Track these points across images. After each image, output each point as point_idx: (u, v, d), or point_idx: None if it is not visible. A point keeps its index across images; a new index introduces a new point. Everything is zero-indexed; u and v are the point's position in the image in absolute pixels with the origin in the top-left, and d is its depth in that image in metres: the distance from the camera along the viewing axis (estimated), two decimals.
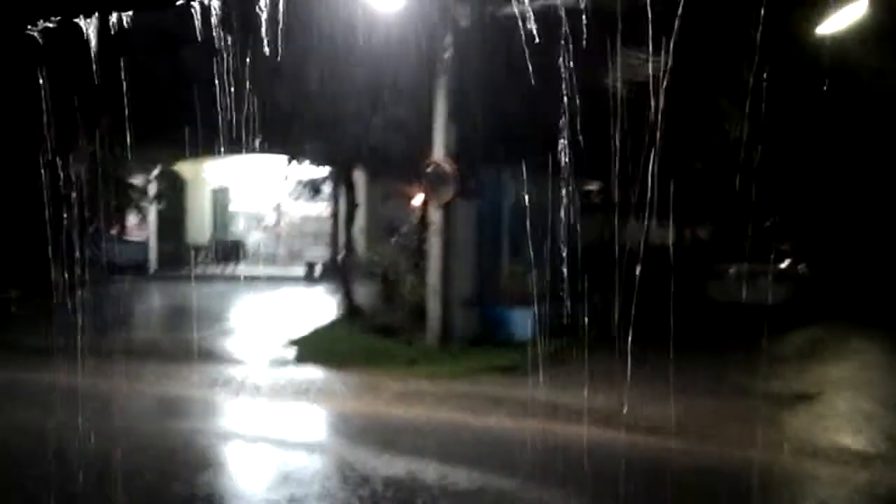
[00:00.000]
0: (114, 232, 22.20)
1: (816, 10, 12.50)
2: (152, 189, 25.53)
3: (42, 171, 14.64)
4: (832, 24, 12.62)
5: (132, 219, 25.84)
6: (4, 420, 9.11)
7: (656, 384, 10.31)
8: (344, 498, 6.84)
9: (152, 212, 26.84)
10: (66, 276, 16.91)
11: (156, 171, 25.71)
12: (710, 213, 29.43)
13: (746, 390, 10.91)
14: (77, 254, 17.34)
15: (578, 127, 9.35)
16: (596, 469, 7.74)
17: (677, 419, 9.41)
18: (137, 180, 23.96)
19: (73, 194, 14.50)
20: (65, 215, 13.14)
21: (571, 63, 8.20)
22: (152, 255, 27.91)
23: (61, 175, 13.43)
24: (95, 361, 10.86)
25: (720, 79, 15.69)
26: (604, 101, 10.04)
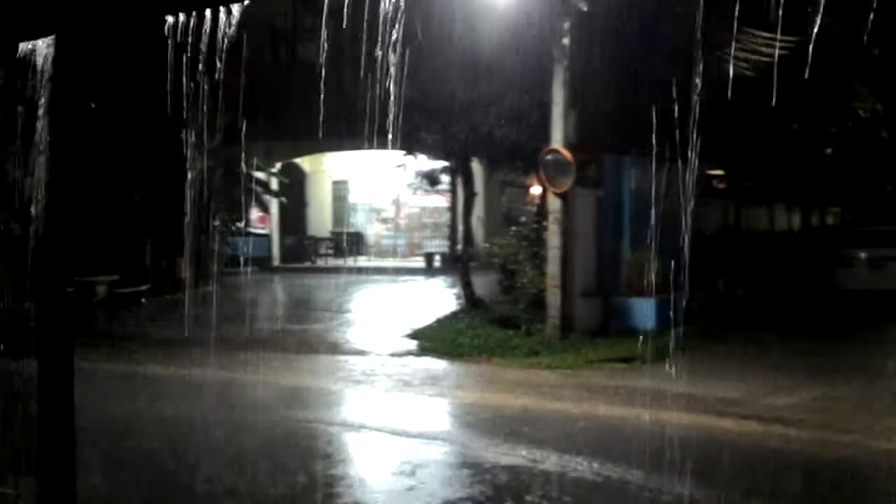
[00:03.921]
0: (238, 226, 22.70)
1: None
2: (274, 183, 26.04)
3: (169, 167, 15.08)
4: None
5: (255, 212, 26.36)
6: (155, 412, 9.35)
7: (782, 373, 10.02)
8: (467, 486, 6.85)
9: (274, 205, 27.36)
10: (193, 269, 17.45)
11: (277, 166, 26.23)
12: (838, 197, 28.43)
13: (877, 380, 10.47)
14: (203, 248, 17.89)
15: (702, 111, 9.10)
16: (718, 459, 7.56)
17: (806, 409, 9.14)
18: (260, 174, 24.48)
19: (200, 190, 14.91)
20: (191, 211, 13.51)
21: (695, 45, 7.98)
22: (275, 248, 28.49)
23: (188, 171, 13.82)
24: (224, 354, 11.12)
25: (850, 60, 15.08)
26: (728, 84, 9.76)
